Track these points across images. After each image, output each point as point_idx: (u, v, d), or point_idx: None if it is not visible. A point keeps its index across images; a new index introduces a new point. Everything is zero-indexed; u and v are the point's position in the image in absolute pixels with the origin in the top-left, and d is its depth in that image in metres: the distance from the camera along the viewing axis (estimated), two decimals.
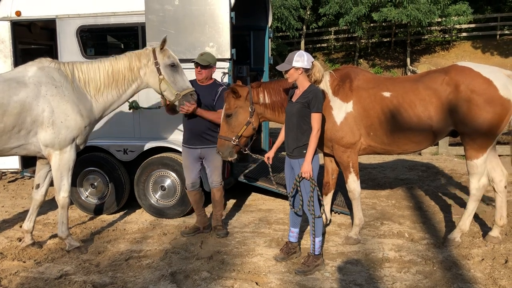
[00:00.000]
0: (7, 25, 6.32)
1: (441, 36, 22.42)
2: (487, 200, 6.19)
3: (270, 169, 4.72)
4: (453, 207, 6.12)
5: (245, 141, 4.80)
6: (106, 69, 4.79)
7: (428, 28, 21.09)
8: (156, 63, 4.82)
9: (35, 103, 4.49)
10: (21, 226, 5.66)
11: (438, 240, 4.96)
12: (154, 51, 4.87)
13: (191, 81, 5.04)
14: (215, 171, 5.13)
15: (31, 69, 4.64)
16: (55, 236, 5.31)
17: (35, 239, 5.13)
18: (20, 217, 6.11)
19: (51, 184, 4.92)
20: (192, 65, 5.14)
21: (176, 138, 6.00)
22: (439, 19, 19.98)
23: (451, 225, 5.37)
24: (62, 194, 4.78)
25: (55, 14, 6.19)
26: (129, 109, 5.96)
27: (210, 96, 5.00)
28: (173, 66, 4.84)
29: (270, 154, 4.68)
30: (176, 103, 4.85)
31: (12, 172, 7.66)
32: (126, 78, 4.85)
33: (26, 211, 6.20)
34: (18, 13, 6.33)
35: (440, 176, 7.89)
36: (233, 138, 4.65)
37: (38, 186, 5.04)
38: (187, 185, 5.22)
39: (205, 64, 4.96)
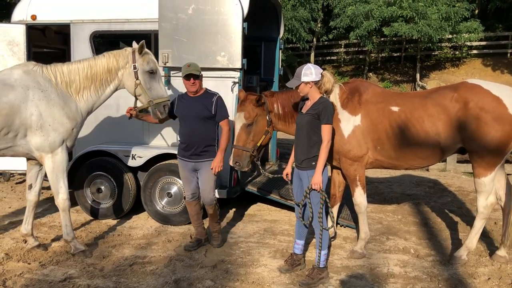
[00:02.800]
0: (22, 29, 6.40)
1: (452, 52, 22.40)
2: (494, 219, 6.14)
3: (290, 186, 4.55)
4: (459, 225, 6.07)
5: (259, 150, 4.79)
6: (85, 71, 4.84)
7: (439, 44, 21.06)
8: (135, 67, 4.89)
9: (23, 106, 4.52)
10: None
11: (444, 257, 4.92)
12: (133, 53, 4.92)
13: (180, 96, 5.01)
14: (206, 185, 4.91)
15: (17, 72, 4.67)
16: (60, 238, 5.34)
17: (40, 241, 5.16)
18: None
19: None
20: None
21: None
22: (450, 36, 19.97)
23: (457, 243, 5.33)
24: (61, 196, 4.80)
25: (70, 19, 6.28)
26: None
27: (205, 106, 4.83)
28: (152, 73, 4.92)
29: (288, 170, 4.58)
30: (149, 109, 4.97)
31: (20, 174, 7.72)
32: (104, 79, 4.92)
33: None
34: (33, 17, 6.43)
35: (447, 193, 7.85)
36: (251, 148, 4.61)
37: (30, 186, 5.06)
38: (186, 196, 5.08)
39: (198, 74, 4.79)
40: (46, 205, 6.80)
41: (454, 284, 4.30)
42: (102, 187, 6.12)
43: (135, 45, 5.03)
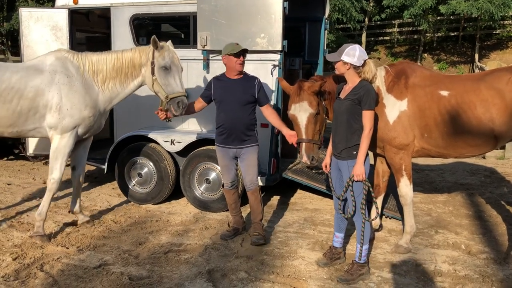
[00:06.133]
0: (64, 13, 6.44)
1: None
2: None
3: (330, 179, 4.22)
4: None
5: None
6: (112, 62, 4.93)
7: (501, 22, 19.71)
8: (152, 63, 4.82)
9: (47, 89, 4.80)
10: (69, 212, 5.79)
11: (499, 256, 4.51)
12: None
13: (215, 78, 4.80)
14: (250, 170, 4.77)
15: (50, 58, 4.95)
16: (100, 221, 5.39)
17: (89, 216, 5.48)
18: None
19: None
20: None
21: None
22: None
23: None
24: (53, 176, 4.90)
25: (110, 2, 6.24)
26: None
27: (248, 90, 4.66)
28: (166, 69, 4.76)
29: (327, 161, 4.27)
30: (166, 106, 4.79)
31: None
32: (129, 73, 4.96)
33: None
34: (75, 1, 6.46)
35: (506, 183, 7.29)
36: (318, 139, 4.22)
37: (74, 168, 5.38)
38: (225, 184, 4.95)
39: (246, 49, 4.65)
40: (89, 190, 6.89)
41: (509, 286, 3.91)
42: (142, 172, 6.10)
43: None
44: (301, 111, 4.12)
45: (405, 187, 4.50)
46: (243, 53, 4.63)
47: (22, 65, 4.99)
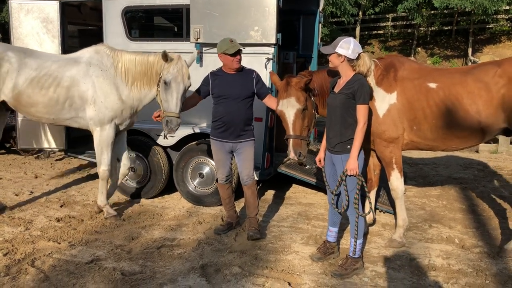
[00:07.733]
0: (56, 5, 6.33)
1: (508, 25, 20.96)
2: None
3: (324, 173, 4.18)
4: (511, 213, 5.60)
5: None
6: (140, 64, 4.94)
7: (494, 16, 19.73)
8: (161, 74, 4.74)
9: (82, 80, 5.02)
10: (61, 206, 5.76)
11: (493, 249, 4.52)
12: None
13: (213, 73, 4.72)
14: (247, 164, 4.75)
15: (90, 51, 5.17)
16: (93, 215, 5.36)
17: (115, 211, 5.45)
18: (62, 196, 6.18)
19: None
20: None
21: None
22: (507, 7, 18.64)
23: (508, 233, 4.90)
24: (102, 167, 5.23)
25: None
26: None
27: (247, 84, 4.65)
28: (165, 84, 4.66)
29: (321, 155, 4.23)
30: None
31: (59, 151, 7.81)
32: (152, 77, 4.91)
33: (68, 191, 6.32)
34: None
35: (499, 177, 7.31)
36: (306, 135, 4.18)
37: (118, 159, 5.52)
38: (219, 179, 4.90)
39: (241, 48, 4.58)
40: (81, 184, 6.83)
41: (503, 280, 3.92)
42: (135, 166, 6.04)
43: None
44: (289, 107, 4.10)
45: (396, 180, 4.48)
46: (240, 50, 4.56)
47: (62, 56, 5.38)
